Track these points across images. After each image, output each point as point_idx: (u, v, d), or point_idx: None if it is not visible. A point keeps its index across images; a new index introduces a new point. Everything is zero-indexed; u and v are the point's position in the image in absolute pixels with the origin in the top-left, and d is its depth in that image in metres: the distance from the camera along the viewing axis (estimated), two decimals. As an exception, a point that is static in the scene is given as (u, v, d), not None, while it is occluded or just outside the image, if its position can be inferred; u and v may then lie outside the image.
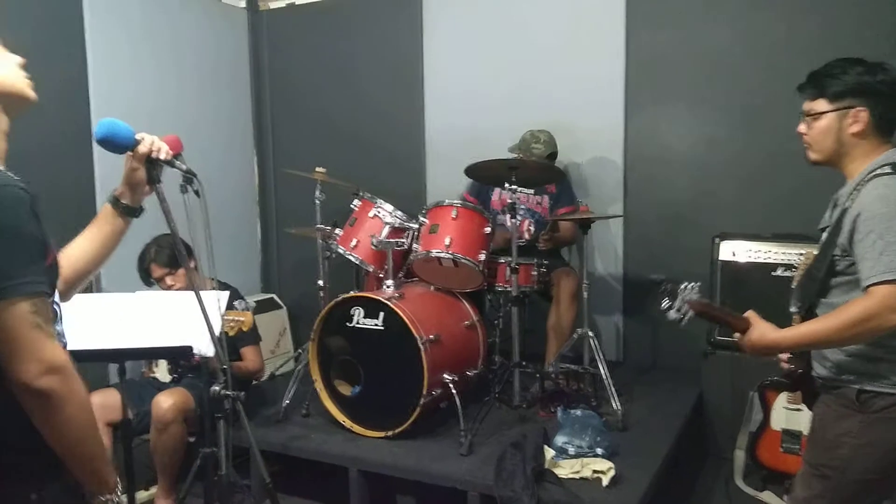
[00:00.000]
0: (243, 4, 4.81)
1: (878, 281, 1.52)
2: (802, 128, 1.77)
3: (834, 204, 1.76)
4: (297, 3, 4.80)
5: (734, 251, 3.38)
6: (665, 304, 1.75)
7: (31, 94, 1.23)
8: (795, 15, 3.54)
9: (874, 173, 1.62)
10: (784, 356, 1.85)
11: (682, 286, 1.74)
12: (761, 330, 1.70)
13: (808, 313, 1.74)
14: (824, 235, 1.75)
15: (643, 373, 3.85)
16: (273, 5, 4.88)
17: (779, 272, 3.22)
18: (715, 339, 3.38)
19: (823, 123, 1.71)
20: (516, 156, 3.63)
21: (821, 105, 1.72)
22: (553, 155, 3.71)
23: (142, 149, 1.45)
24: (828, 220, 1.75)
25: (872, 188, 1.60)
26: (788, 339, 1.68)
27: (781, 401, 2.94)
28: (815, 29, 3.46)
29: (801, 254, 1.81)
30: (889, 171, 1.60)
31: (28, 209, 1.09)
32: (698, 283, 1.75)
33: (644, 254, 3.99)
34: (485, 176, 3.44)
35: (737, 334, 1.75)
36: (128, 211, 1.49)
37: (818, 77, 1.74)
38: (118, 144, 1.47)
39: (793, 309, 1.81)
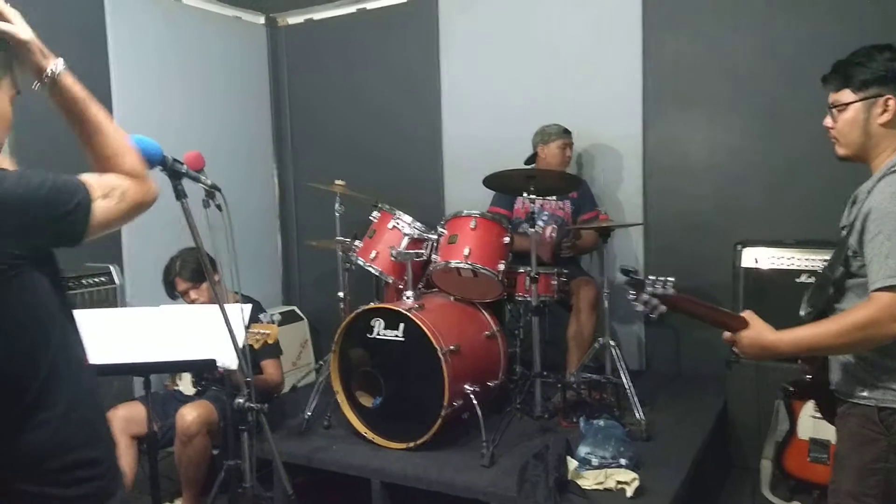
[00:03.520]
0: (262, 21, 4.88)
1: (881, 286, 1.44)
2: (828, 121, 1.67)
3: (853, 201, 1.66)
4: (314, 18, 4.86)
5: (756, 258, 3.34)
6: (631, 295, 1.68)
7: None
8: (816, 20, 3.51)
9: (892, 169, 1.53)
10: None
11: (651, 278, 1.66)
12: (758, 330, 1.61)
13: (819, 318, 1.64)
14: (842, 234, 1.65)
15: (666, 382, 3.82)
16: (291, 21, 4.94)
17: (802, 279, 3.17)
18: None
19: (850, 115, 1.61)
20: (533, 165, 3.65)
21: (846, 96, 1.62)
22: (569, 132, 3.73)
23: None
24: (846, 219, 1.66)
25: (886, 185, 1.50)
26: (786, 341, 1.57)
27: (808, 409, 2.89)
28: (837, 33, 3.41)
29: (825, 260, 1.72)
30: None
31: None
32: (671, 279, 1.66)
33: (665, 262, 3.96)
34: (503, 186, 3.44)
35: (727, 334, 1.66)
36: None
37: (843, 66, 1.64)
38: (147, 161, 1.49)
39: (802, 312, 1.71)
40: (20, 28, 1.16)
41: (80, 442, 1.16)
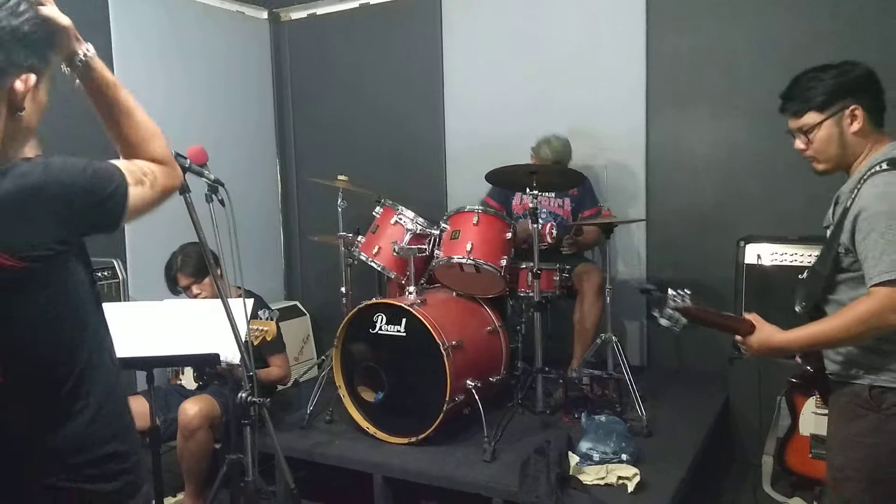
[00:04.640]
0: (265, 16, 4.88)
1: (879, 281, 1.53)
2: (799, 144, 1.76)
3: (835, 201, 1.75)
4: (317, 13, 4.86)
5: (759, 254, 3.33)
6: (654, 312, 1.78)
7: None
8: (817, 16, 3.50)
9: (872, 170, 1.62)
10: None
11: (671, 294, 1.76)
12: (767, 332, 1.72)
13: (815, 311, 1.74)
14: (828, 233, 1.75)
15: (668, 378, 3.82)
16: (294, 16, 4.94)
17: (805, 275, 3.17)
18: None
19: (824, 133, 1.70)
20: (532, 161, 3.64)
21: (812, 117, 1.71)
22: (559, 163, 3.59)
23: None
24: (830, 219, 1.75)
25: (871, 186, 1.59)
26: (796, 340, 1.68)
27: (810, 405, 2.89)
28: (837, 30, 3.41)
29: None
30: (887, 167, 1.60)
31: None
32: (688, 291, 1.77)
33: (667, 258, 3.96)
34: (505, 181, 3.44)
35: (738, 337, 1.76)
36: None
37: (797, 92, 1.73)
38: None
39: (797, 308, 1.80)
40: (60, 14, 1.17)
41: (111, 435, 1.15)
